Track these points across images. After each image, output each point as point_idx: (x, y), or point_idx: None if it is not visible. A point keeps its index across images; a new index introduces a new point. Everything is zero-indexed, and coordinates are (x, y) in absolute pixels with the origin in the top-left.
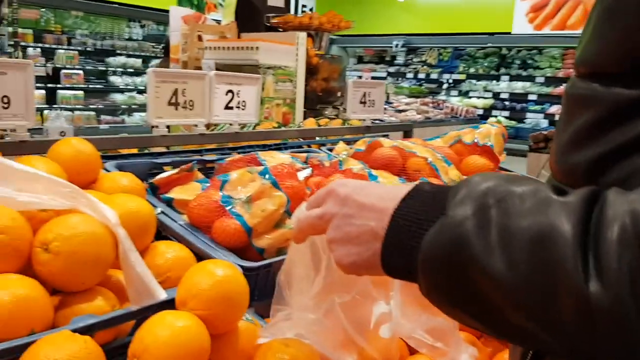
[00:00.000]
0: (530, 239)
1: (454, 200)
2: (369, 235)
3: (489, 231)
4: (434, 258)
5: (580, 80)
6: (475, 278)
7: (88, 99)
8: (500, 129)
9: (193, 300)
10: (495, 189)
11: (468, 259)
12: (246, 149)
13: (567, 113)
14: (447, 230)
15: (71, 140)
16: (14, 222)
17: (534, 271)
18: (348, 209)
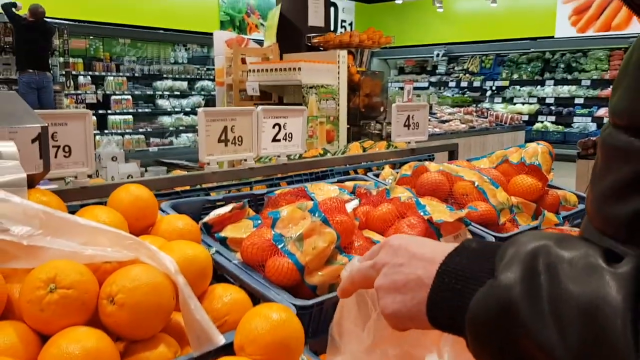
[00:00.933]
0: (582, 310)
1: (503, 262)
2: (415, 284)
3: (539, 299)
4: (481, 321)
5: (617, 131)
6: (524, 345)
7: (137, 123)
8: (547, 147)
9: (251, 345)
10: (544, 251)
11: (517, 326)
12: (294, 178)
13: (605, 161)
14: (495, 294)
15: (130, 187)
16: (81, 277)
17: (585, 343)
18: (399, 258)
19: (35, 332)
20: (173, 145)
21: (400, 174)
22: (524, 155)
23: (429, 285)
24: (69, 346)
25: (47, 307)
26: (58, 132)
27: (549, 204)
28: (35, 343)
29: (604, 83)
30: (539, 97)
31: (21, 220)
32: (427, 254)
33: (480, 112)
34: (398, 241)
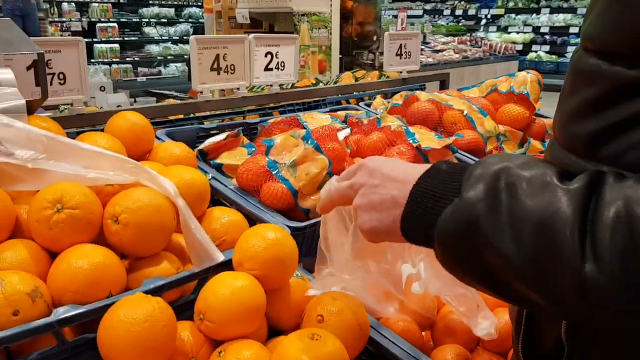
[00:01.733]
0: (536, 223)
1: (468, 181)
2: (390, 203)
3: (499, 214)
4: (448, 235)
5: (586, 55)
6: (485, 254)
7: (124, 52)
8: (536, 76)
9: (249, 261)
10: (506, 172)
11: (479, 238)
12: (286, 108)
13: (572, 84)
14: (461, 210)
15: (126, 114)
16: (86, 198)
17: (538, 252)
18: (375, 179)
19: (44, 249)
20: (162, 75)
21: (392, 103)
22: (513, 84)
23: (402, 204)
24: (77, 261)
25: (55, 226)
26: (52, 59)
27: (536, 132)
28: (45, 259)
29: None
30: (534, 26)
31: (25, 144)
32: (400, 176)
33: (474, 42)
34: (373, 164)
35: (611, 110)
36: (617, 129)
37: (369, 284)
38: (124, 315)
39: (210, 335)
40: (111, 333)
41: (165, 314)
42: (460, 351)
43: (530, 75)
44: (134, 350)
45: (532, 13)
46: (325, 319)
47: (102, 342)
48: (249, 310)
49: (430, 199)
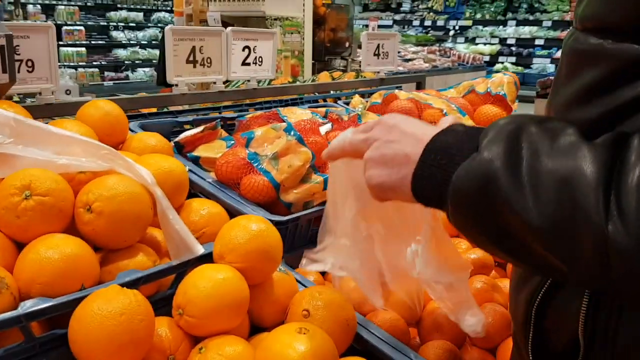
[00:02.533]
0: (558, 179)
1: (487, 138)
2: (402, 159)
3: (519, 170)
4: (464, 191)
5: (585, 35)
6: (502, 212)
7: (91, 55)
8: (513, 77)
9: (231, 254)
10: (526, 128)
11: (497, 195)
12: (263, 105)
13: (569, 69)
14: (478, 165)
15: (98, 102)
16: (57, 185)
17: (559, 210)
18: (391, 135)
19: (11, 239)
20: (129, 79)
21: (370, 102)
22: (490, 86)
23: (414, 161)
24: (47, 251)
25: (23, 214)
26: (20, 45)
27: None
28: (12, 249)
29: (565, 24)
30: (500, 37)
31: None
32: (417, 133)
33: (443, 52)
34: (392, 120)
35: (620, 90)
36: (628, 110)
37: (365, 259)
38: (98, 309)
39: (190, 331)
40: (84, 328)
41: (142, 308)
42: (448, 347)
43: (507, 77)
44: (108, 346)
45: (499, 25)
46: (311, 314)
47: (73, 338)
48: (232, 304)
49: (445, 156)
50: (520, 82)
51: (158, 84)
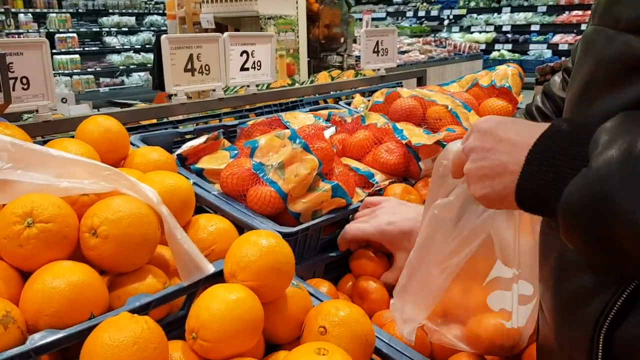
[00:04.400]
0: None
1: (598, 149)
2: (500, 169)
3: (636, 187)
4: (576, 210)
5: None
6: (618, 230)
7: (85, 62)
8: (517, 69)
9: (242, 272)
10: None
11: (613, 216)
12: (263, 110)
13: (613, 76)
14: (591, 184)
15: (97, 118)
16: (60, 210)
17: None
18: (486, 143)
19: (14, 268)
20: (124, 85)
21: (373, 101)
22: (494, 78)
23: (513, 171)
24: (53, 281)
25: (26, 242)
26: (14, 62)
27: None
28: (16, 280)
29: (560, 9)
30: (495, 25)
31: None
32: (512, 137)
33: (438, 42)
34: (486, 125)
35: None
36: None
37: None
38: (109, 339)
39: (205, 356)
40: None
41: (155, 335)
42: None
43: (511, 69)
44: None
45: (494, 12)
46: (328, 331)
47: None
48: (247, 325)
49: (551, 168)
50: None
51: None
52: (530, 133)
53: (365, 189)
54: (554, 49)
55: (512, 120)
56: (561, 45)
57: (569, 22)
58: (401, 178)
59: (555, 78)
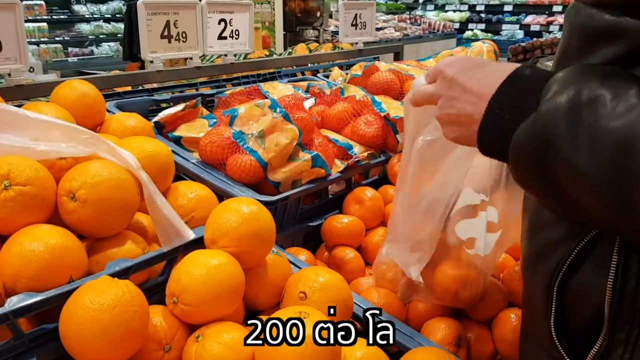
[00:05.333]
0: (617, 142)
1: (548, 95)
2: (467, 119)
3: (578, 131)
4: (523, 151)
5: (599, 11)
6: (559, 172)
7: (53, 31)
8: (492, 45)
9: (223, 238)
10: (589, 85)
11: (555, 157)
12: (241, 80)
13: (582, 45)
14: (538, 127)
15: (73, 82)
16: (37, 173)
17: (618, 174)
18: (452, 91)
19: None
20: (94, 55)
21: (351, 74)
22: (470, 54)
23: (478, 120)
24: (32, 244)
25: (2, 205)
26: None
27: None
28: None
29: None
30: (469, 4)
31: None
32: (474, 88)
33: (413, 20)
34: (451, 71)
35: (637, 68)
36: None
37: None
38: (90, 302)
39: (186, 320)
40: (76, 322)
41: (136, 299)
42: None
43: (487, 45)
44: (103, 339)
45: None
46: (308, 296)
47: (65, 333)
48: (228, 290)
49: (508, 110)
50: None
51: (124, 58)
52: (493, 81)
53: (343, 160)
54: (526, 30)
55: (474, 66)
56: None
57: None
58: (379, 150)
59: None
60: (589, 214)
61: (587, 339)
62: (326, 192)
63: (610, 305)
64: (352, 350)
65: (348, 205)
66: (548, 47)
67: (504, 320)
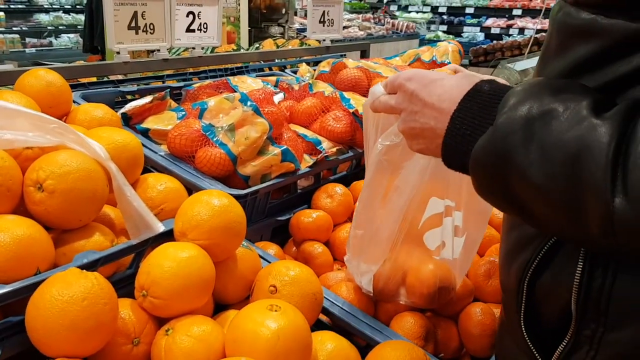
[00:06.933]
0: (568, 154)
1: (504, 109)
2: (430, 133)
3: (531, 145)
4: (481, 164)
5: (577, 10)
6: (515, 184)
7: (10, 21)
8: (457, 46)
9: (194, 231)
10: (541, 100)
11: (510, 169)
12: (208, 74)
13: (561, 42)
14: (494, 141)
15: (38, 71)
16: (3, 162)
17: (568, 184)
18: (414, 106)
19: None
20: (53, 46)
21: (319, 70)
22: (436, 54)
23: (441, 135)
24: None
25: None
26: None
27: None
28: None
29: None
30: (432, 5)
31: None
32: (435, 103)
33: (377, 20)
34: (411, 85)
35: (614, 66)
36: (620, 85)
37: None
38: (58, 294)
39: (155, 313)
40: (44, 314)
41: (105, 291)
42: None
43: (452, 45)
44: (71, 332)
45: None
46: (278, 290)
47: (32, 325)
48: (198, 283)
49: (469, 126)
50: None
51: (84, 51)
52: (452, 96)
53: (312, 155)
54: (487, 32)
55: (432, 80)
56: (493, 29)
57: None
58: (347, 146)
59: None
60: (545, 224)
61: (555, 336)
62: (295, 186)
63: (576, 303)
64: (322, 344)
65: (318, 198)
66: (508, 49)
67: (469, 315)
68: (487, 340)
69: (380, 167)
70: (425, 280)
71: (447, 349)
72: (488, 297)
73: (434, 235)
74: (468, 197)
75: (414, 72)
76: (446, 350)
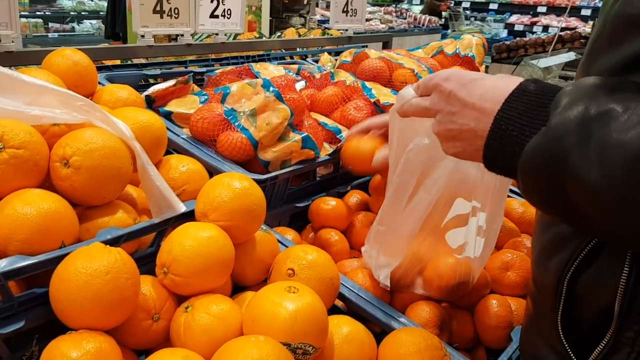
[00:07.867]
0: (628, 155)
1: (557, 110)
2: (470, 134)
3: (589, 145)
4: (533, 165)
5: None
6: (570, 186)
7: (34, 5)
8: (481, 39)
9: (215, 212)
10: (598, 99)
11: (566, 172)
12: (230, 61)
13: (612, 35)
14: (548, 142)
15: (65, 50)
16: (31, 137)
17: (628, 185)
18: (451, 106)
19: None
20: (75, 32)
21: (340, 60)
22: (459, 47)
23: (482, 137)
24: (24, 207)
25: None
26: None
27: None
28: None
29: None
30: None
31: None
32: (477, 103)
33: (399, 13)
34: (448, 85)
35: None
36: None
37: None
38: (82, 267)
39: (175, 290)
40: (67, 287)
41: (128, 266)
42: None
43: (476, 39)
44: (94, 305)
45: None
46: (296, 273)
47: (56, 297)
48: (218, 263)
49: (516, 127)
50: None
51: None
52: (494, 96)
53: (332, 144)
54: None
55: (471, 80)
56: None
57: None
58: None
59: None
60: (600, 229)
61: (593, 336)
62: (314, 174)
63: (620, 304)
64: (337, 327)
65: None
66: (531, 46)
67: (486, 306)
68: (502, 332)
69: (408, 167)
70: (444, 274)
71: (461, 340)
72: (505, 290)
73: (457, 235)
74: (492, 198)
75: (451, 72)
76: (461, 341)
